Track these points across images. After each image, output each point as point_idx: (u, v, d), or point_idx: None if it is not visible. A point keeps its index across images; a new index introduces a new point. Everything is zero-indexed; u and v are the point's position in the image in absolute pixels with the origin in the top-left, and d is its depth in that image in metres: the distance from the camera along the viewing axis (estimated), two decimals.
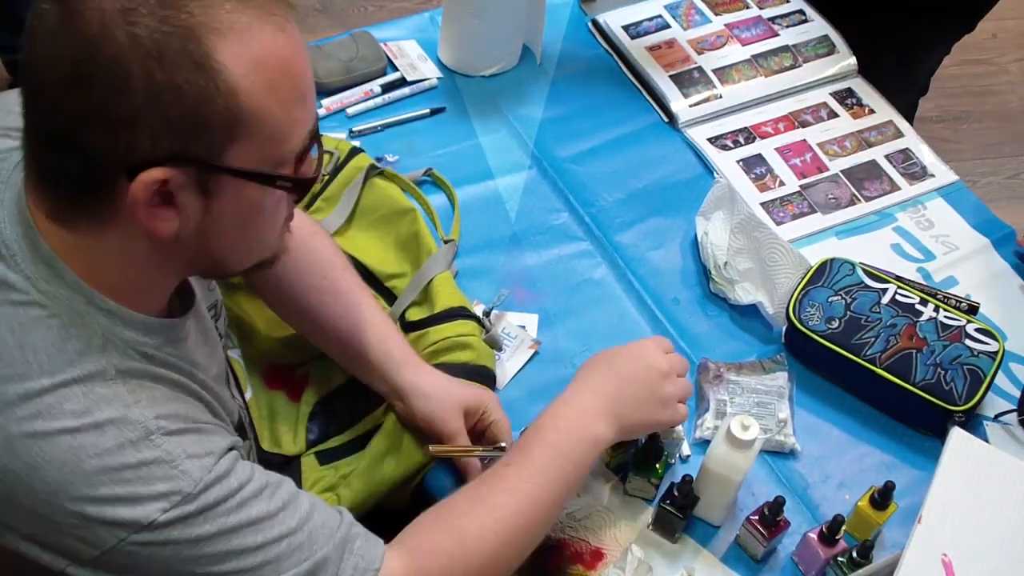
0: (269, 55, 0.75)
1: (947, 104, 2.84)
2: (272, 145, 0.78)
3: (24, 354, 0.78)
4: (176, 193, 0.76)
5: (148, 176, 0.74)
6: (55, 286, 0.79)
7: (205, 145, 0.75)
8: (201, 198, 0.78)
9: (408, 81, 1.55)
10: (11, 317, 0.79)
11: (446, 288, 1.25)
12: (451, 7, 1.54)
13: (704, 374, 1.26)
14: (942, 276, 1.41)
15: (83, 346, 0.79)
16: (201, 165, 0.75)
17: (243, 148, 0.76)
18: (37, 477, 0.77)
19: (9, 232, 0.80)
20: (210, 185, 0.77)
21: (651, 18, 1.68)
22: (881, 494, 1.10)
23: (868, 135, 1.57)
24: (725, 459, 1.08)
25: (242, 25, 0.73)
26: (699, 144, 1.53)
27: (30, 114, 0.77)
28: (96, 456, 0.77)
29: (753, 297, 1.32)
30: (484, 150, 1.49)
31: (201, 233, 0.80)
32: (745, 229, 1.35)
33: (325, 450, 1.18)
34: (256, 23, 0.74)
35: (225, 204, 0.79)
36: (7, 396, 0.77)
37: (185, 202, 0.77)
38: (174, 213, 0.77)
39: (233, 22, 0.73)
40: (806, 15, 1.71)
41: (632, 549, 1.11)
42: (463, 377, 1.17)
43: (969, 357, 1.24)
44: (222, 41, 0.72)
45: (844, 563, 1.08)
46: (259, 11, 0.75)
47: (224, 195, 0.78)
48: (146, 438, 0.79)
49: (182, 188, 0.76)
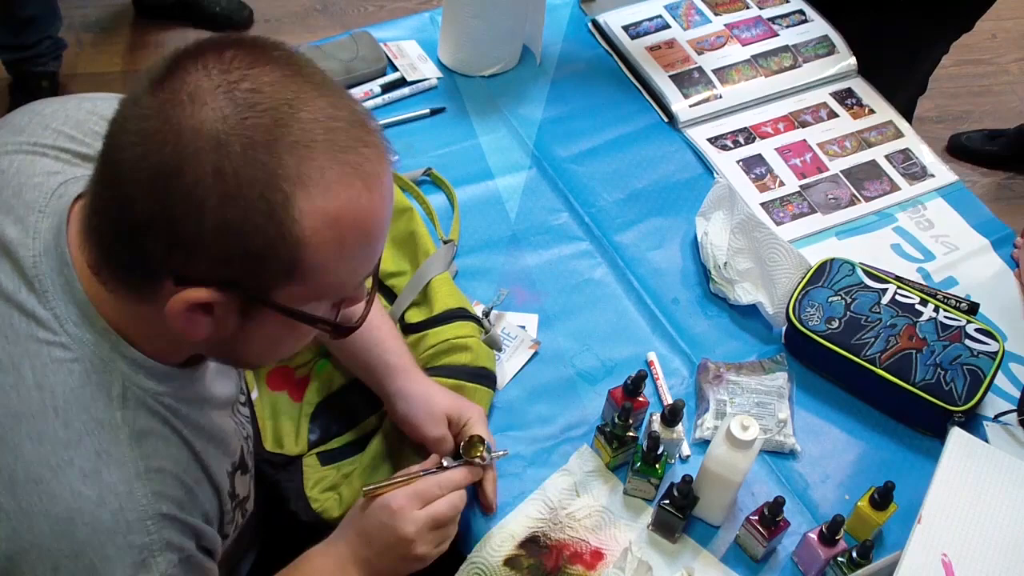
0: (347, 213, 0.73)
1: (947, 104, 2.85)
2: (324, 290, 0.78)
3: (42, 395, 0.76)
4: (216, 307, 0.75)
5: (191, 294, 0.73)
6: (83, 330, 0.78)
7: (258, 282, 0.74)
8: (239, 319, 0.77)
9: (408, 81, 1.55)
10: (35, 355, 0.77)
11: (445, 289, 1.25)
12: (451, 7, 1.54)
13: (704, 374, 1.26)
14: (942, 276, 1.41)
15: (103, 395, 0.78)
16: (249, 296, 0.75)
17: (295, 289, 0.75)
18: (26, 525, 0.75)
19: (44, 266, 0.78)
20: (252, 312, 0.76)
21: (651, 18, 1.68)
22: (881, 494, 1.10)
23: (868, 135, 1.57)
24: (725, 459, 1.08)
25: (328, 180, 0.71)
26: (699, 144, 1.53)
27: (102, 183, 0.75)
28: (88, 526, 0.76)
29: (753, 297, 1.32)
30: (484, 150, 1.49)
31: (231, 340, 0.79)
32: (745, 229, 1.35)
33: (327, 451, 1.18)
34: (345, 179, 0.72)
35: (261, 328, 0.78)
36: (18, 435, 0.76)
37: (222, 317, 0.76)
38: (210, 321, 0.76)
39: (320, 177, 0.71)
40: (806, 15, 1.71)
41: (632, 549, 1.11)
42: (463, 379, 1.17)
43: (969, 357, 1.24)
44: (303, 193, 0.71)
45: (844, 563, 1.08)
46: (351, 168, 0.73)
47: (263, 321, 0.77)
48: (142, 522, 0.78)
49: (222, 307, 0.75)
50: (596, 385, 1.26)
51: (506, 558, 1.10)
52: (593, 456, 1.19)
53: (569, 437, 1.21)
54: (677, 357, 1.29)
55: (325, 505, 1.13)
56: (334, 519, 1.11)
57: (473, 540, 1.12)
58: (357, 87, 1.53)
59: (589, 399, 1.24)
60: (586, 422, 1.22)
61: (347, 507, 1.10)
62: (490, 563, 1.10)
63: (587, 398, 1.25)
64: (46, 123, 0.87)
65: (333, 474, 1.16)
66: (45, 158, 0.85)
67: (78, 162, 0.86)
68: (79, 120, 0.89)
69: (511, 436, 1.20)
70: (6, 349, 0.77)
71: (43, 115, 0.89)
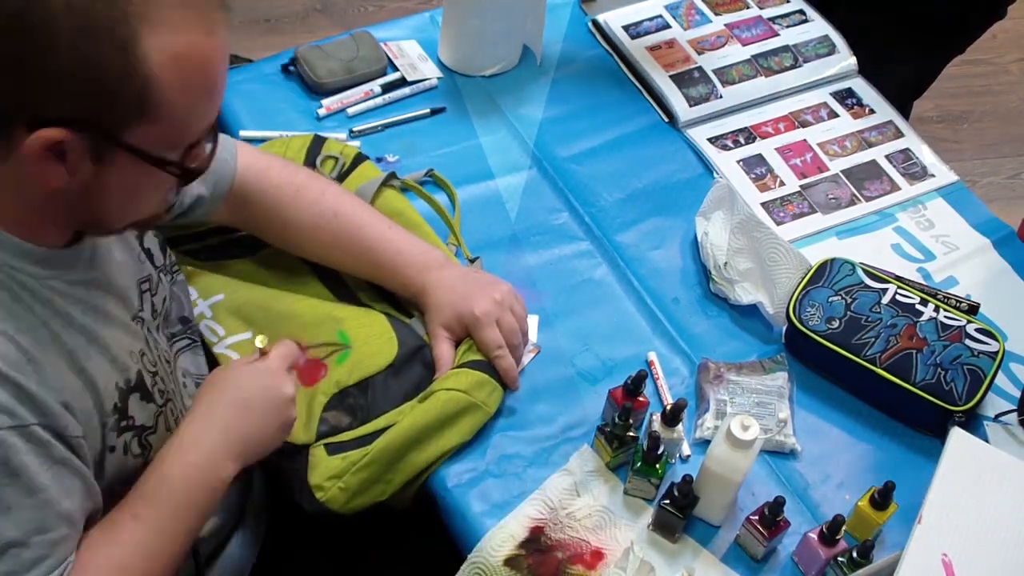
0: (191, 53, 0.80)
1: (947, 104, 2.85)
2: (171, 132, 0.83)
3: None
4: (68, 153, 0.79)
5: (45, 134, 0.77)
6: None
7: (109, 118, 0.79)
8: (92, 164, 0.81)
9: (408, 81, 1.55)
10: None
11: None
12: (451, 7, 1.54)
13: (704, 374, 1.26)
14: (942, 276, 1.41)
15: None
16: (100, 135, 0.79)
17: (144, 129, 0.80)
18: None
19: None
20: (103, 154, 0.81)
21: (651, 18, 1.68)
22: (881, 494, 1.10)
23: (868, 135, 1.57)
24: (725, 459, 1.09)
25: (174, 21, 0.78)
26: (699, 144, 1.53)
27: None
28: None
29: (753, 297, 1.32)
30: (484, 150, 1.49)
31: (85, 193, 0.83)
32: (745, 229, 1.35)
33: (335, 442, 1.17)
34: (188, 22, 0.79)
35: (113, 174, 0.82)
36: None
37: (75, 163, 0.80)
38: (63, 170, 0.80)
39: (167, 17, 0.77)
40: (806, 15, 1.71)
41: (634, 549, 1.11)
42: (479, 370, 1.18)
43: (969, 357, 1.24)
44: (151, 31, 0.77)
45: (844, 563, 1.08)
46: (196, 11, 0.80)
47: (114, 166, 0.82)
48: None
49: (75, 151, 0.79)
50: (596, 385, 1.26)
51: (506, 558, 1.10)
52: (593, 456, 1.19)
53: (569, 437, 1.21)
54: (677, 357, 1.29)
55: (329, 495, 1.12)
56: (339, 508, 1.11)
57: (473, 540, 1.12)
58: (357, 87, 1.53)
59: (589, 399, 1.24)
60: (586, 422, 1.22)
61: (352, 495, 1.10)
62: (490, 563, 1.10)
63: (587, 398, 1.25)
64: None
65: (339, 463, 1.15)
66: None
67: None
68: None
69: (511, 436, 1.20)
70: None
71: None
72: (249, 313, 1.26)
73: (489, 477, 1.17)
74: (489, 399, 1.18)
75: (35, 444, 0.83)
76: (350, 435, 1.16)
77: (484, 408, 1.18)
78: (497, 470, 1.17)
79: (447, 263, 1.25)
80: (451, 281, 1.22)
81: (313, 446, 1.16)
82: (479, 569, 1.10)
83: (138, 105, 0.78)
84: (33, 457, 0.83)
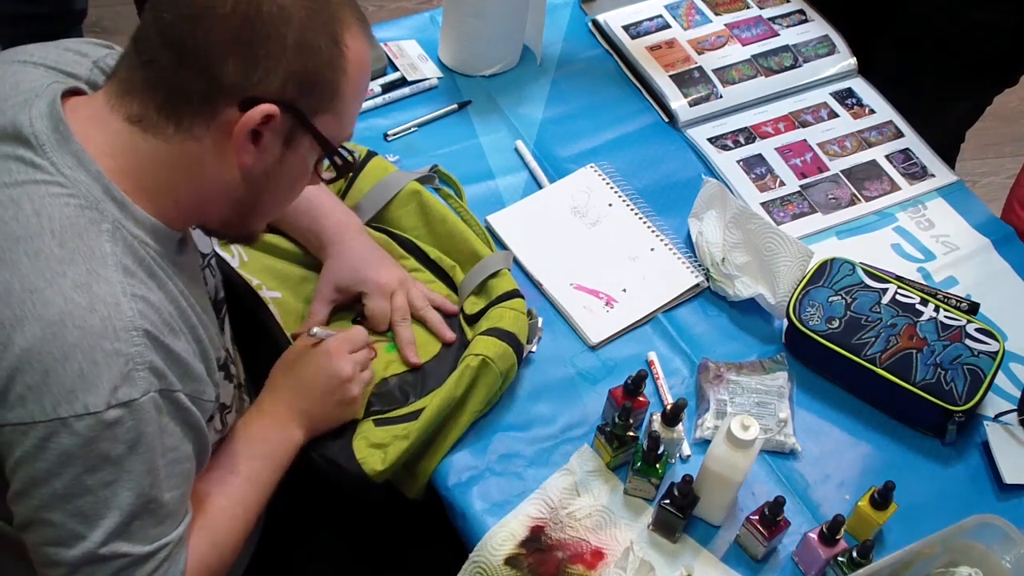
0: (363, 58, 0.91)
1: None
2: (340, 128, 0.93)
3: (39, 219, 0.83)
4: (265, 134, 0.87)
5: (261, 109, 0.85)
6: (78, 172, 0.85)
7: (310, 103, 0.88)
8: (282, 147, 0.90)
9: (408, 81, 1.55)
10: (33, 191, 0.84)
11: (505, 283, 1.26)
12: (451, 7, 1.54)
13: (704, 374, 1.26)
14: (942, 276, 1.41)
15: (95, 228, 0.85)
16: (299, 117, 0.88)
17: (327, 119, 0.90)
18: (19, 332, 0.81)
19: (39, 126, 0.86)
20: (294, 138, 0.90)
21: (651, 18, 1.68)
22: (881, 494, 1.10)
23: (868, 135, 1.57)
24: (725, 459, 1.09)
25: (357, 28, 0.90)
26: (699, 144, 1.53)
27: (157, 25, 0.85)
28: (79, 329, 0.81)
29: (753, 290, 1.32)
30: (484, 150, 1.49)
31: (263, 176, 0.91)
32: (739, 222, 1.35)
33: (384, 417, 1.19)
34: (364, 32, 0.91)
35: (290, 162, 0.91)
36: (15, 254, 0.82)
37: (268, 145, 0.88)
38: (256, 151, 0.88)
39: (354, 23, 0.90)
40: (806, 15, 1.71)
41: (634, 549, 1.11)
42: (496, 337, 1.19)
43: (969, 357, 1.24)
44: (348, 32, 0.89)
45: (844, 563, 1.08)
46: (365, 25, 0.92)
47: (295, 154, 0.91)
48: (127, 331, 0.83)
49: (274, 131, 0.88)
50: (596, 385, 1.26)
51: (507, 557, 1.10)
52: (594, 456, 1.19)
53: (570, 437, 1.21)
54: (677, 357, 1.30)
55: (368, 459, 1.14)
56: (374, 473, 1.13)
57: (475, 537, 1.12)
58: None
59: (589, 399, 1.24)
60: (586, 422, 1.22)
61: (391, 463, 1.13)
62: (491, 562, 1.10)
63: (587, 398, 1.25)
64: (30, 51, 0.96)
65: (383, 435, 1.17)
66: (37, 70, 0.93)
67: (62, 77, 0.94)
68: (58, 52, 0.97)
69: (511, 436, 1.20)
70: (5, 192, 0.84)
71: (25, 50, 0.97)
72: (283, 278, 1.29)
73: (490, 476, 1.17)
74: (511, 371, 1.20)
75: (179, 410, 0.89)
76: (397, 412, 1.19)
77: (501, 376, 1.19)
78: (498, 469, 1.17)
79: (363, 232, 1.28)
80: (362, 248, 1.25)
81: (362, 421, 1.19)
82: (480, 568, 1.10)
83: (331, 95, 0.89)
84: (173, 420, 0.88)
